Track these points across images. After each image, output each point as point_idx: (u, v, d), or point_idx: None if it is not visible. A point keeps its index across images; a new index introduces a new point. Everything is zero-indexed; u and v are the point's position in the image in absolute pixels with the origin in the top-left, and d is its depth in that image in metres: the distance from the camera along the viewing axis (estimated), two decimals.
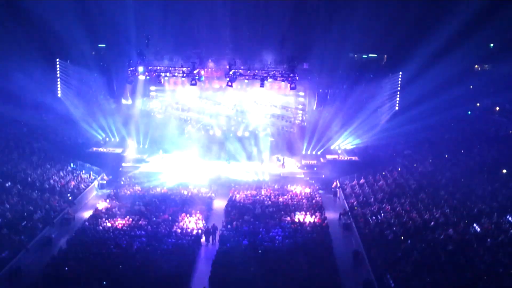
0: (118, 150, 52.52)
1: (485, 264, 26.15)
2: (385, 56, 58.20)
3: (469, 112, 55.69)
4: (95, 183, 45.33)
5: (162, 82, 51.95)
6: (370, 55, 57.23)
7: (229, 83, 47.84)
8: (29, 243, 31.27)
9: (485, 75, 59.54)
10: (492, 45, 57.49)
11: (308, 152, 53.70)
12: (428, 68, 48.01)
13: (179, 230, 34.08)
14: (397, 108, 54.15)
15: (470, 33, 48.34)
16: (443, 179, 40.36)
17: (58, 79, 52.54)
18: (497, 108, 56.10)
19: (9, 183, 38.58)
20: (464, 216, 32.55)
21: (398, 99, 54.15)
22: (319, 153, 53.60)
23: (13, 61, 46.42)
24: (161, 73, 50.20)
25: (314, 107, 54.47)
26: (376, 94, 55.11)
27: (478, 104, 56.98)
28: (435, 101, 49.33)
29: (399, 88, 53.92)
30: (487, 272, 25.46)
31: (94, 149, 52.13)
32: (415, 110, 50.59)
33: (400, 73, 53.30)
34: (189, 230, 34.25)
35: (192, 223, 35.73)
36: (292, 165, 51.68)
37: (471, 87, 56.04)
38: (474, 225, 31.02)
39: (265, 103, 53.60)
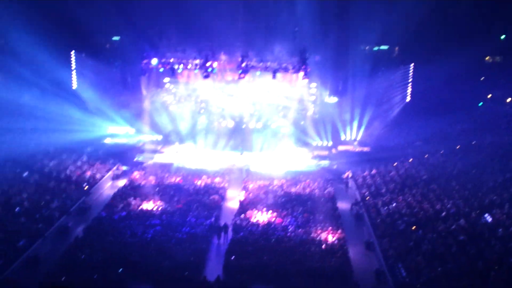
0: (133, 141, 53.09)
1: (496, 254, 26.33)
2: (397, 48, 58.14)
3: (480, 104, 55.65)
4: (110, 173, 45.85)
5: (176, 74, 52.34)
6: (381, 47, 57.16)
7: (241, 75, 48.17)
8: (46, 231, 31.80)
9: (496, 67, 59.32)
10: (503, 36, 57.31)
11: (320, 143, 53.90)
12: (439, 59, 48.02)
13: (193, 219, 34.56)
14: (408, 99, 54.20)
15: (481, 25, 48.27)
16: (455, 170, 40.56)
17: (74, 71, 53.12)
18: (508, 100, 56.00)
19: (27, 173, 39.22)
20: (476, 207, 32.76)
21: (409, 90, 54.20)
22: (330, 144, 53.77)
23: (29, 52, 46.87)
24: (174, 66, 50.63)
25: (326, 99, 54.67)
26: (387, 85, 55.21)
27: (489, 96, 56.90)
28: (446, 93, 49.35)
29: (410, 80, 53.97)
30: (498, 262, 25.67)
31: (109, 140, 52.68)
32: (426, 101, 50.63)
33: (412, 64, 53.35)
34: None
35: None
36: (305, 156, 51.89)
37: (482, 78, 55.96)
38: (486, 215, 31.22)
39: (277, 95, 53.86)
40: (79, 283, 25.47)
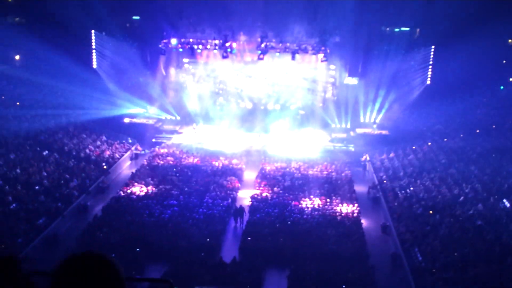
0: (152, 121, 53.42)
1: None
2: (418, 29, 57.44)
3: (502, 87, 54.97)
4: (129, 153, 46.22)
5: (195, 55, 52.38)
6: (402, 28, 56.53)
7: (261, 56, 48.05)
8: (66, 210, 32.27)
9: None
10: None
11: (338, 126, 53.73)
12: (460, 42, 47.45)
13: (210, 201, 34.79)
14: (428, 82, 53.72)
15: (504, 7, 47.49)
16: (474, 154, 40.29)
17: (94, 51, 53.38)
18: None
19: (47, 152, 39.66)
20: (494, 192, 32.60)
21: (430, 73, 53.69)
22: (348, 126, 53.57)
23: (48, 33, 47.09)
24: (193, 46, 50.67)
25: (345, 81, 54.41)
26: (407, 68, 54.72)
27: (511, 79, 56.16)
28: (467, 76, 48.78)
29: (431, 62, 53.42)
30: None
31: (128, 120, 53.04)
32: (447, 84, 50.13)
33: (433, 47, 52.77)
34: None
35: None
36: (323, 138, 51.78)
37: (504, 61, 55.20)
38: (504, 200, 31.10)
39: (296, 76, 53.70)
40: None
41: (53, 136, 43.21)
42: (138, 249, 27.56)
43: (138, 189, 36.58)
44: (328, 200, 35.66)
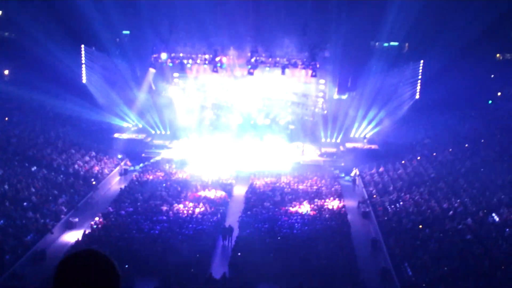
0: (141, 136, 53.27)
1: (503, 254, 26.32)
2: (407, 44, 57.84)
3: (490, 102, 55.34)
4: (118, 168, 46.01)
5: (185, 69, 52.40)
6: (391, 43, 56.88)
7: (251, 71, 48.16)
8: (54, 226, 31.98)
9: (507, 64, 58.91)
10: None
11: (328, 140, 53.82)
12: (449, 56, 47.78)
13: (199, 216, 34.62)
14: (417, 96, 53.99)
15: (492, 22, 47.89)
16: (463, 168, 40.41)
17: (83, 65, 53.30)
18: None
19: (35, 167, 39.38)
20: (483, 206, 32.67)
21: (418, 87, 53.97)
22: (338, 141, 53.67)
23: (39, 47, 47.02)
24: (183, 60, 50.70)
25: (335, 95, 54.57)
26: (397, 82, 54.98)
27: (499, 93, 56.57)
28: (456, 90, 49.06)
29: (420, 77, 53.72)
30: (505, 261, 25.64)
31: (118, 135, 52.85)
32: (436, 99, 50.38)
33: (421, 61, 53.09)
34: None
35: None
36: (312, 153, 51.83)
37: (492, 76, 55.62)
38: (493, 214, 31.15)
39: (286, 90, 53.79)
40: None
41: (41, 151, 42.91)
42: (126, 266, 27.30)
43: (128, 205, 36.33)
44: (318, 214, 35.63)
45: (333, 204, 37.70)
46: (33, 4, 47.91)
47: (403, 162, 45.53)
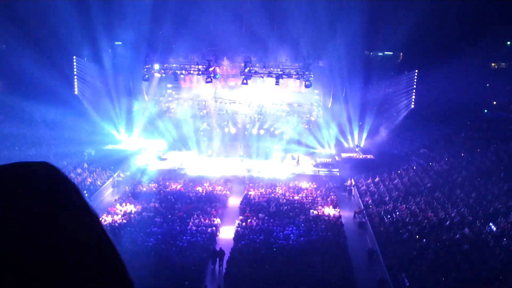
0: (134, 148, 52.81)
1: (501, 264, 26.05)
2: (401, 54, 57.90)
3: (486, 111, 55.26)
4: (111, 180, 45.56)
5: (178, 80, 52.16)
6: (385, 52, 56.92)
7: (244, 81, 47.92)
8: None
9: (502, 73, 58.95)
10: (509, 43, 57.04)
11: (323, 150, 53.52)
12: (444, 66, 47.73)
13: (194, 228, 34.21)
14: (412, 106, 53.89)
15: (487, 31, 47.96)
16: (459, 177, 40.17)
17: (75, 77, 52.95)
18: None
19: None
20: (480, 215, 32.40)
21: (414, 97, 53.88)
22: (334, 151, 53.40)
23: (31, 58, 46.69)
24: (176, 71, 50.46)
25: (329, 105, 54.40)
26: (392, 92, 54.91)
27: (494, 103, 56.50)
28: (451, 99, 49.01)
29: (415, 86, 53.67)
30: (503, 271, 25.37)
31: (111, 146, 52.39)
32: (431, 108, 50.30)
33: (416, 71, 53.05)
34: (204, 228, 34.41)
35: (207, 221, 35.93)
36: (307, 163, 51.54)
37: (487, 85, 55.59)
38: (490, 224, 30.88)
39: (280, 101, 53.63)
40: None
41: None
42: None
43: (121, 217, 35.91)
44: (314, 225, 35.30)
45: (329, 212, 37.52)
46: (24, 15, 47.55)
47: (399, 172, 45.28)
